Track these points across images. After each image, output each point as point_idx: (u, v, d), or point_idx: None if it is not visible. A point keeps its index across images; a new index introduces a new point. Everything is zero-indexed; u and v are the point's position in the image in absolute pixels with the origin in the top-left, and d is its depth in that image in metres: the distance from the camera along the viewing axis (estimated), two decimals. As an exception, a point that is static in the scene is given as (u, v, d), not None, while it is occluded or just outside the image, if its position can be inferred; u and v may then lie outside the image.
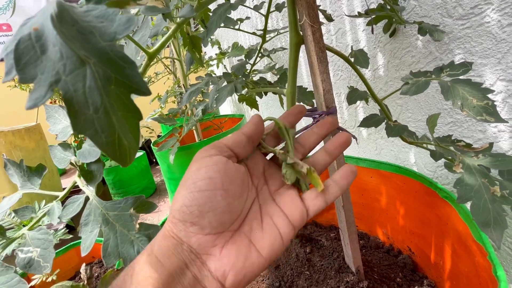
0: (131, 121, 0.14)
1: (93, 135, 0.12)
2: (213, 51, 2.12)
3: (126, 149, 0.13)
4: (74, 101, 0.12)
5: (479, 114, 0.28)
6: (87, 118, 0.12)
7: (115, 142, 0.13)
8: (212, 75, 0.50)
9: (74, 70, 0.12)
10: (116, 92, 0.13)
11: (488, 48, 0.40)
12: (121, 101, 0.13)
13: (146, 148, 2.09)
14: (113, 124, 0.13)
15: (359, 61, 0.36)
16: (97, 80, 0.12)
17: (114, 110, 0.13)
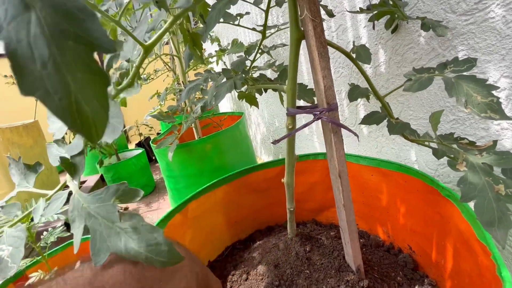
0: (95, 85, 0.12)
1: (44, 97, 0.10)
2: (212, 48, 2.10)
3: (88, 118, 0.11)
4: (18, 54, 0.10)
5: (484, 111, 0.27)
6: (36, 76, 0.10)
7: (72, 107, 0.11)
8: (211, 72, 0.49)
9: (16, 16, 0.10)
10: (75, 49, 0.11)
11: (492, 44, 0.39)
12: (81, 60, 0.11)
13: (146, 146, 2.08)
14: (67, 84, 0.11)
15: (361, 57, 0.36)
16: (43, 27, 0.10)
17: (70, 69, 0.11)
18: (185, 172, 0.98)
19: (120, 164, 1.52)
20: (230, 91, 0.42)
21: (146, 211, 1.46)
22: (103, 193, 0.20)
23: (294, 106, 0.36)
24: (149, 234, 0.18)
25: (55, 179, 1.21)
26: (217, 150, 0.98)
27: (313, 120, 0.33)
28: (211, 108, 1.71)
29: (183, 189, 1.01)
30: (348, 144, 0.80)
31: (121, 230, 0.17)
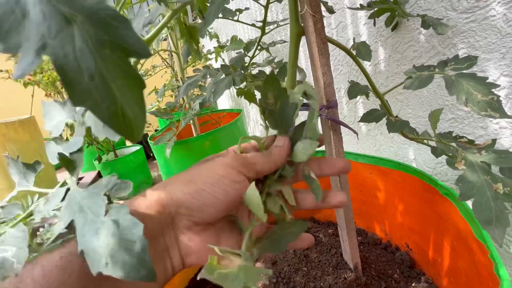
0: (134, 89, 0.12)
1: (93, 106, 0.11)
2: (211, 44, 2.09)
3: (131, 121, 0.12)
4: (66, 68, 0.10)
5: (484, 110, 0.27)
6: (84, 87, 0.11)
7: (118, 113, 0.11)
8: (210, 68, 0.49)
9: (60, 31, 0.10)
10: (112, 57, 0.11)
11: (492, 42, 0.39)
12: (119, 67, 0.12)
13: (143, 142, 2.07)
14: (113, 93, 0.11)
15: (361, 53, 0.35)
16: (87, 41, 0.11)
17: (112, 77, 0.11)
18: (183, 169, 0.97)
19: (118, 161, 1.51)
20: (229, 88, 0.41)
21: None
22: (96, 188, 0.19)
23: (293, 103, 0.35)
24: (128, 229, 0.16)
25: (52, 175, 1.20)
26: (215, 147, 0.97)
27: (312, 117, 0.33)
28: (210, 105, 1.70)
29: (181, 186, 1.00)
30: (346, 142, 0.80)
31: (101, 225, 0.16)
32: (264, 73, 0.52)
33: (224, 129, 1.00)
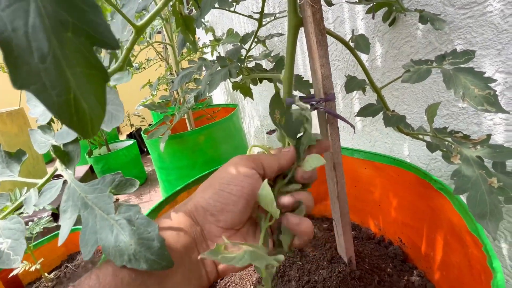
0: (94, 80, 0.11)
1: (40, 92, 0.10)
2: (207, 38, 2.06)
3: (85, 115, 0.11)
4: (12, 44, 0.09)
5: (480, 104, 0.27)
6: (31, 69, 0.09)
7: (70, 104, 0.10)
8: (205, 59, 0.48)
9: (13, 3, 0.09)
10: (74, 42, 0.10)
11: (489, 39, 0.39)
12: (81, 54, 0.11)
13: (137, 137, 2.05)
14: (67, 79, 0.10)
15: (359, 46, 0.35)
16: (44, 19, 0.09)
17: (70, 63, 0.10)
18: (177, 164, 0.97)
19: (111, 155, 1.49)
20: (225, 80, 0.40)
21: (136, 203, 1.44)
22: (100, 183, 0.19)
23: (291, 95, 0.35)
24: (143, 227, 0.17)
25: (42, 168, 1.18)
26: (210, 142, 0.96)
27: (310, 110, 0.33)
28: (205, 99, 1.68)
29: (174, 180, 1.00)
30: (342, 138, 0.80)
31: (114, 222, 0.16)
32: (260, 66, 0.52)
33: (219, 123, 0.99)
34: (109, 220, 0.16)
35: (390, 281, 0.41)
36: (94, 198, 0.17)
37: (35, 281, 0.67)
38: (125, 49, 0.22)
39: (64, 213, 0.18)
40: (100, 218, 0.16)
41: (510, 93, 0.38)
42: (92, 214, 0.17)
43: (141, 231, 0.17)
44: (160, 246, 0.17)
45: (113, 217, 0.16)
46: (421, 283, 0.40)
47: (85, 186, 0.18)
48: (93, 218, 0.16)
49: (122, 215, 0.16)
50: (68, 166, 0.20)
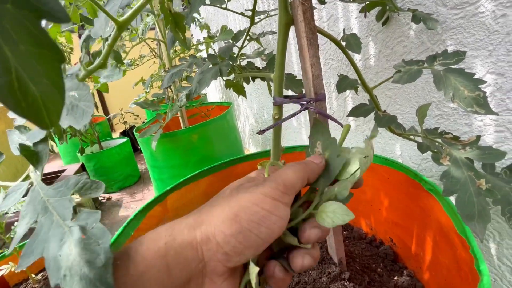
0: (44, 61, 0.10)
1: None
2: (202, 35, 2.04)
3: (37, 100, 0.10)
4: None
5: (470, 106, 0.27)
6: None
7: (12, 86, 0.09)
8: (196, 57, 0.47)
9: None
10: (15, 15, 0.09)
11: (480, 39, 0.39)
12: (25, 29, 0.09)
13: (131, 135, 2.02)
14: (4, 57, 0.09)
15: (351, 45, 0.35)
16: None
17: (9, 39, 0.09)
18: (170, 163, 0.96)
19: (103, 153, 1.46)
20: (215, 78, 0.40)
21: (129, 201, 1.43)
22: (63, 186, 0.18)
23: (281, 95, 0.34)
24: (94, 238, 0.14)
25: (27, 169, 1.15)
26: (203, 140, 0.96)
27: (300, 110, 0.32)
28: (199, 97, 1.66)
29: (167, 179, 0.98)
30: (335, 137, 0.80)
31: (68, 229, 0.14)
32: (252, 65, 0.51)
33: (213, 122, 0.98)
34: (63, 227, 0.15)
35: (380, 281, 0.41)
36: (55, 202, 0.16)
37: (22, 282, 0.66)
38: (107, 46, 0.21)
39: (23, 219, 0.17)
40: (56, 225, 0.15)
41: (500, 94, 0.39)
42: (49, 220, 0.15)
43: (90, 242, 0.14)
44: (104, 264, 0.14)
45: (68, 223, 0.15)
46: (410, 283, 0.40)
47: (49, 188, 0.17)
48: (49, 224, 0.15)
49: (78, 222, 0.15)
50: (37, 167, 0.19)
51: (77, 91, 0.19)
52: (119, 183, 1.52)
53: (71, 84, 0.19)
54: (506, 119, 0.39)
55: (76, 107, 0.18)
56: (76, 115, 0.18)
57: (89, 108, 0.18)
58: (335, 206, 0.21)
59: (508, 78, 0.37)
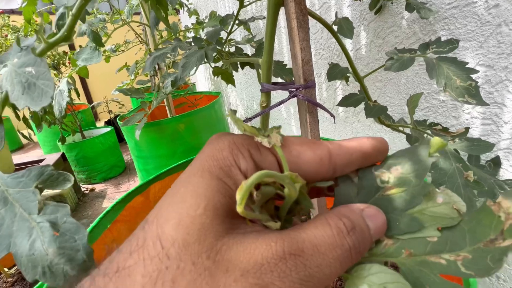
0: None
1: None
2: (190, 21, 1.97)
3: None
4: None
5: (461, 96, 0.26)
6: None
7: None
8: (181, 40, 0.44)
9: None
10: None
11: (471, 30, 0.39)
12: None
13: (116, 124, 1.95)
14: None
15: (343, 30, 0.33)
16: None
17: None
18: (156, 153, 0.93)
19: (85, 143, 1.41)
20: (201, 62, 0.37)
21: (114, 192, 1.39)
22: (25, 176, 0.16)
23: (269, 81, 0.32)
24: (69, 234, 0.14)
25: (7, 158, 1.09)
26: (190, 130, 0.93)
27: (288, 98, 0.31)
28: (187, 86, 1.62)
29: (153, 170, 0.96)
30: (324, 129, 0.79)
31: (36, 225, 0.13)
32: (241, 50, 0.49)
33: (200, 111, 0.96)
34: (29, 222, 0.13)
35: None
36: (16, 193, 0.14)
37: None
38: (72, 16, 0.19)
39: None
40: (20, 218, 0.13)
41: (489, 87, 0.38)
42: (11, 213, 0.14)
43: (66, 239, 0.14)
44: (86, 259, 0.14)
45: (35, 218, 0.13)
46: (394, 273, 0.41)
47: (9, 177, 0.15)
48: (12, 217, 0.14)
49: (46, 216, 0.13)
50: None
51: (34, 67, 0.16)
52: (103, 173, 1.47)
53: (27, 59, 0.16)
54: (493, 112, 0.39)
55: (34, 85, 0.16)
56: (33, 95, 0.16)
57: (48, 87, 0.16)
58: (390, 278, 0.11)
59: (497, 70, 0.37)
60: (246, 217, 0.11)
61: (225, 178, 0.12)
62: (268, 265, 0.11)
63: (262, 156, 0.13)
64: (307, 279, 0.11)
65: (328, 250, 0.11)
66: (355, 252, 0.12)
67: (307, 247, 0.11)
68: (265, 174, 0.11)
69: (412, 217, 0.13)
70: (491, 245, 0.11)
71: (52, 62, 1.53)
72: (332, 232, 0.12)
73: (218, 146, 0.13)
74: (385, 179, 0.14)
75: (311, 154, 0.14)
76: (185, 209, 0.11)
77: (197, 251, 0.11)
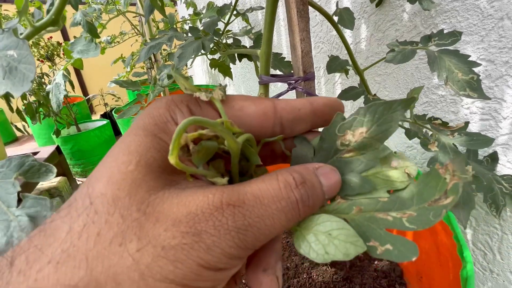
0: None
1: None
2: (187, 13, 1.93)
3: None
4: None
5: (463, 89, 0.26)
6: None
7: None
8: (177, 30, 0.43)
9: None
10: None
11: (473, 24, 0.38)
12: None
13: (112, 117, 1.93)
14: None
15: (344, 21, 0.32)
16: None
17: None
18: (152, 146, 0.92)
19: (81, 136, 1.39)
20: (198, 53, 0.37)
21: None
22: (5, 167, 0.15)
23: (268, 73, 0.32)
24: None
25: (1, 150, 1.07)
26: (187, 124, 0.92)
27: (287, 90, 0.30)
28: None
29: (149, 164, 0.95)
30: (322, 124, 0.79)
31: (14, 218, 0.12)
32: (239, 42, 0.48)
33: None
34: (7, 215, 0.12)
35: (361, 266, 0.41)
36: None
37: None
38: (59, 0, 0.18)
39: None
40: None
41: (489, 82, 0.38)
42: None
43: None
44: None
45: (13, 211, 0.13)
46: (390, 267, 0.41)
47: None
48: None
49: (25, 210, 0.13)
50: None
51: (16, 50, 0.15)
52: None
53: (9, 42, 0.15)
54: (492, 107, 0.39)
55: (15, 69, 0.15)
56: (14, 80, 0.15)
57: (30, 72, 0.15)
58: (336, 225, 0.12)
59: (498, 65, 0.37)
60: (183, 170, 0.11)
61: (161, 134, 0.12)
62: (203, 215, 0.10)
63: (202, 111, 0.13)
64: (245, 228, 0.10)
65: (271, 201, 0.11)
66: (303, 206, 0.12)
67: (248, 199, 0.11)
68: (193, 120, 0.10)
69: (366, 179, 0.13)
70: (434, 204, 0.11)
71: (46, 53, 1.49)
72: (278, 185, 0.11)
73: (156, 105, 0.12)
74: (346, 142, 0.13)
75: (254, 107, 0.13)
76: (116, 166, 0.11)
77: (127, 204, 0.10)
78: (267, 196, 0.11)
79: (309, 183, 0.12)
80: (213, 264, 0.10)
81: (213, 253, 0.10)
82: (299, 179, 0.12)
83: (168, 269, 0.10)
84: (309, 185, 0.12)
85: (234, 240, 0.10)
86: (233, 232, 0.10)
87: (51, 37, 1.54)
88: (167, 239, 0.10)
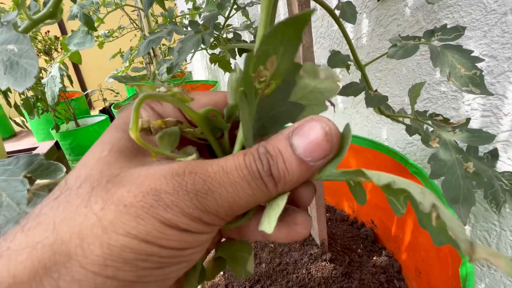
0: None
1: None
2: (187, 7, 1.91)
3: None
4: None
5: (465, 85, 0.25)
6: None
7: None
8: (176, 24, 0.43)
9: None
10: None
11: (476, 19, 0.38)
12: None
13: (111, 113, 1.92)
14: None
15: (345, 15, 0.32)
16: None
17: None
18: (151, 142, 0.91)
19: (80, 131, 1.38)
20: (197, 47, 0.36)
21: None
22: (12, 164, 0.15)
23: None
24: None
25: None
26: (187, 119, 0.91)
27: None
28: (183, 75, 1.59)
29: (149, 159, 0.95)
30: (322, 120, 0.79)
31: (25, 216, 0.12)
32: (239, 36, 0.47)
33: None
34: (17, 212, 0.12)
35: (359, 262, 0.41)
36: (2, 182, 0.13)
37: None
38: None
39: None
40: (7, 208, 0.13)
41: (491, 78, 0.38)
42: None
43: None
44: None
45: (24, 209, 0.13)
46: (388, 263, 0.41)
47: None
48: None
49: None
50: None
51: (17, 45, 0.15)
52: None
53: (8, 36, 0.15)
54: (493, 104, 0.38)
55: (17, 64, 0.15)
56: (16, 75, 0.15)
57: (32, 67, 0.15)
58: None
59: (500, 61, 0.36)
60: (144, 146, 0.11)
61: None
62: (165, 179, 0.11)
63: (163, 107, 0.15)
64: (204, 191, 0.11)
65: (233, 170, 0.11)
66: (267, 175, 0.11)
67: (212, 168, 0.11)
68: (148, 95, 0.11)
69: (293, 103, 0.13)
70: None
71: (43, 48, 1.48)
72: (242, 157, 0.12)
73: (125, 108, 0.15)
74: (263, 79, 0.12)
75: (206, 99, 0.15)
76: (91, 154, 0.12)
77: (97, 178, 0.11)
78: (230, 165, 0.11)
79: (273, 151, 0.11)
80: (174, 223, 0.10)
81: (171, 211, 0.10)
82: (261, 149, 0.12)
83: (131, 225, 0.10)
84: (272, 153, 0.11)
85: (192, 201, 0.11)
86: (191, 194, 0.11)
87: (49, 31, 1.52)
88: (129, 198, 0.10)
